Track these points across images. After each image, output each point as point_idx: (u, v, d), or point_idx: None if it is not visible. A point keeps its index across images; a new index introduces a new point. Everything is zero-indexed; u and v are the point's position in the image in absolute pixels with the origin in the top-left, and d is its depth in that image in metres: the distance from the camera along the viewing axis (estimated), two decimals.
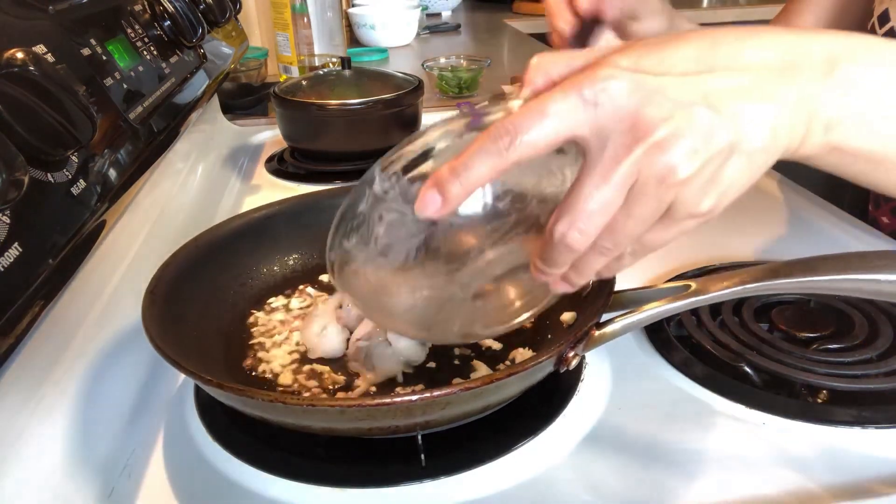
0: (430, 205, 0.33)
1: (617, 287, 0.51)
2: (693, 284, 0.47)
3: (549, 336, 0.56)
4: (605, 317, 0.48)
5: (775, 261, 0.45)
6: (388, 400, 0.40)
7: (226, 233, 0.63)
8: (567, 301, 0.57)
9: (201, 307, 0.57)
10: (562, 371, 0.47)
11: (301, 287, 0.65)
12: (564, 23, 0.52)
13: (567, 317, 0.56)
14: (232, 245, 0.63)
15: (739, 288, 0.45)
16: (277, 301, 0.64)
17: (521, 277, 0.43)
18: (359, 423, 0.42)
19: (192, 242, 0.59)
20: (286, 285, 0.65)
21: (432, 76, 1.33)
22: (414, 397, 0.40)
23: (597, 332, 0.48)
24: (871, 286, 0.42)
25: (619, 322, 0.48)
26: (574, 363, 0.46)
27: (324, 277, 0.66)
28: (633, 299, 0.51)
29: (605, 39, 0.53)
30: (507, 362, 0.55)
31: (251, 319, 0.61)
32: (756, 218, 0.80)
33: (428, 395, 0.40)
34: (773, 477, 0.45)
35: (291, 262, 0.67)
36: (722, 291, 0.45)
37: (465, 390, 0.40)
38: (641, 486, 0.45)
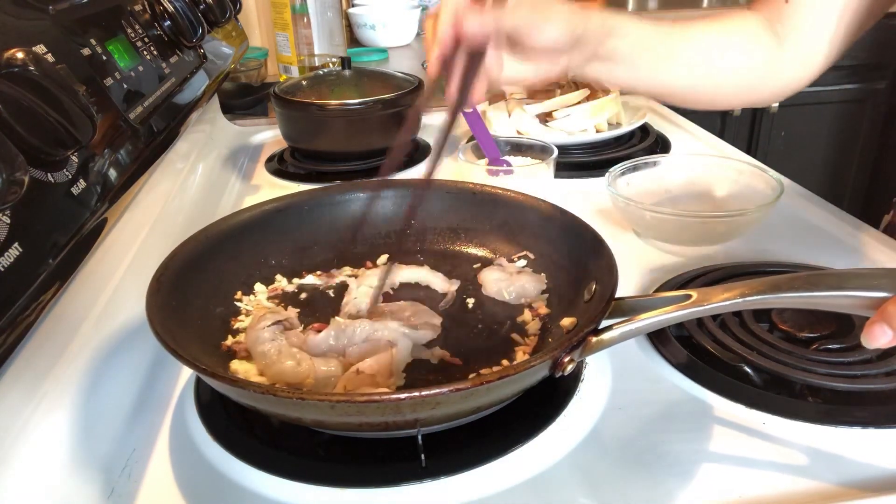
0: (880, 337, 0.41)
1: (618, 294, 0.50)
2: (694, 294, 0.47)
3: (550, 340, 0.56)
4: (605, 323, 0.48)
5: (776, 274, 0.46)
6: (376, 397, 0.41)
7: (235, 224, 0.63)
8: (569, 307, 0.58)
9: (207, 297, 0.57)
10: (557, 376, 0.46)
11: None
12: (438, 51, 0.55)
13: (567, 322, 0.56)
14: (241, 236, 0.63)
15: (740, 300, 0.45)
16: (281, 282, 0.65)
17: None
18: (348, 417, 0.42)
19: (201, 232, 0.60)
20: (294, 277, 0.66)
21: None
22: (402, 395, 0.40)
23: (594, 339, 0.47)
24: (871, 303, 0.42)
25: (618, 329, 0.47)
26: (570, 368, 0.46)
27: (346, 269, 0.67)
28: (633, 307, 0.50)
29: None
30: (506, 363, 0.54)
31: (248, 296, 0.62)
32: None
33: (416, 393, 0.40)
34: (773, 477, 0.45)
35: (301, 256, 0.68)
36: (722, 303, 0.46)
37: (455, 391, 0.40)
38: (641, 486, 0.45)
